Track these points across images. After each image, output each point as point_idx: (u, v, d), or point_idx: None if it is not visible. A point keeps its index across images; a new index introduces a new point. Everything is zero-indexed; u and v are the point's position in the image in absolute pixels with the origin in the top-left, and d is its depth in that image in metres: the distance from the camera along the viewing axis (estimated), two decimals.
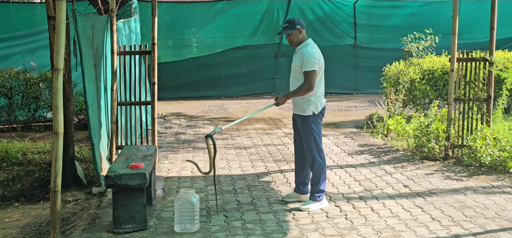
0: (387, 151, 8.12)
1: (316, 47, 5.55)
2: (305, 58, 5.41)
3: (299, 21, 5.53)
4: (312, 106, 5.49)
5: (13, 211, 6.28)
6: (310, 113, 5.49)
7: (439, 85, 10.04)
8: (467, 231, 4.85)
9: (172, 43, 14.07)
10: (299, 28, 5.50)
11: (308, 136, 5.51)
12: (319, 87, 5.56)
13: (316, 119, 5.52)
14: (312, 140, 5.50)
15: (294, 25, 5.49)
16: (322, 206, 5.56)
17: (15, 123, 9.98)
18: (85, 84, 6.36)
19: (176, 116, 11.70)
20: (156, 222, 5.26)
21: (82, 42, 6.34)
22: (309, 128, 5.49)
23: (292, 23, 5.50)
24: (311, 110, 5.49)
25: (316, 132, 5.50)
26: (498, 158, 6.91)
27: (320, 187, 5.55)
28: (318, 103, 5.54)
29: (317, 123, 5.53)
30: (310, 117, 5.50)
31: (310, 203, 5.54)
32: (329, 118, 11.17)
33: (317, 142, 5.51)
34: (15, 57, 11.54)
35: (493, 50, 7.47)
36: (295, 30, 5.50)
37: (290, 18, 5.58)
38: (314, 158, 5.51)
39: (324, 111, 5.65)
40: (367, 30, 14.57)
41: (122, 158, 5.49)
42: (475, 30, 13.65)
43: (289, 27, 5.51)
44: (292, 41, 5.55)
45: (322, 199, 5.58)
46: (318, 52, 5.50)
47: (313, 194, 5.56)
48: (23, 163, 7.52)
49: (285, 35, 5.55)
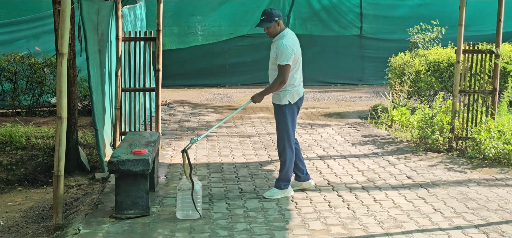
0: (390, 142, 8.11)
1: (292, 38, 5.43)
2: (280, 50, 5.32)
3: (276, 12, 5.40)
4: (289, 95, 5.44)
5: (16, 195, 6.31)
6: (286, 102, 5.44)
7: (444, 77, 10.00)
8: (469, 223, 4.84)
9: (177, 31, 14.05)
10: (277, 20, 5.38)
11: (281, 125, 5.47)
12: (296, 77, 5.48)
13: (291, 109, 5.47)
14: (285, 129, 5.46)
15: (272, 18, 5.36)
16: (287, 194, 5.54)
17: (19, 108, 10.00)
18: (89, 69, 6.36)
19: (180, 104, 11.70)
20: (158, 208, 5.27)
21: (87, 27, 6.33)
22: (283, 117, 5.46)
23: (270, 16, 5.36)
24: (287, 99, 5.44)
25: (289, 121, 5.46)
26: (502, 151, 6.89)
27: (287, 176, 5.52)
28: (295, 93, 5.48)
29: (292, 112, 5.48)
30: (285, 107, 5.45)
31: (275, 191, 5.53)
32: (333, 108, 11.15)
33: (289, 132, 5.46)
34: (20, 42, 11.53)
35: (499, 42, 7.42)
36: (274, 23, 5.38)
37: (266, 10, 5.41)
38: (284, 148, 5.47)
39: (301, 102, 5.57)
40: (373, 20, 14.50)
41: (125, 144, 5.50)
42: (482, 22, 13.56)
43: (267, 19, 5.37)
44: (271, 34, 5.43)
45: (287, 187, 5.56)
46: (294, 44, 5.39)
47: (279, 182, 5.54)
48: (27, 148, 7.54)
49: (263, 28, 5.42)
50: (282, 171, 5.54)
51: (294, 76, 5.45)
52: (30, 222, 5.32)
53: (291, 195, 5.58)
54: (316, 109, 11.01)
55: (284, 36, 5.39)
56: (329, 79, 14.58)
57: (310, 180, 5.81)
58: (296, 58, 5.43)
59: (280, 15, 5.42)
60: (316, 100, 12.24)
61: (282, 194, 5.54)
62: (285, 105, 5.45)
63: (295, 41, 5.46)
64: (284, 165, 5.51)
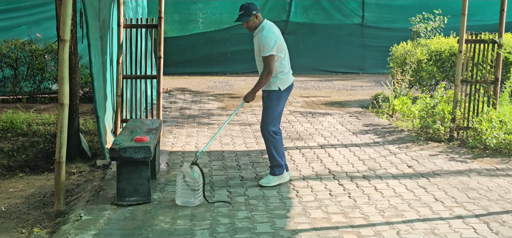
0: (392, 131, 8.11)
1: (272, 28, 5.43)
2: (261, 43, 5.34)
3: (254, 6, 5.41)
4: (279, 82, 5.46)
5: (18, 181, 6.32)
6: (276, 88, 5.46)
7: (446, 66, 9.98)
8: (470, 213, 4.85)
9: (179, 18, 14.01)
10: (255, 13, 5.39)
11: (267, 110, 5.48)
12: (285, 63, 5.49)
13: (280, 95, 5.47)
14: (270, 114, 5.46)
15: (250, 12, 5.37)
16: (282, 181, 5.56)
17: (20, 94, 10.00)
18: (91, 56, 6.34)
19: (181, 91, 11.70)
20: (159, 195, 5.28)
21: (89, 14, 6.31)
22: (270, 102, 5.47)
23: (248, 10, 5.38)
24: (278, 85, 5.46)
25: (276, 108, 5.47)
26: (503, 141, 6.88)
27: (278, 162, 5.53)
28: (285, 80, 5.49)
29: (280, 99, 5.49)
30: (274, 92, 5.46)
31: (270, 178, 5.55)
32: (334, 97, 11.14)
33: (273, 118, 5.47)
34: (21, 28, 11.51)
35: (502, 32, 7.40)
36: (252, 16, 5.39)
37: (244, 4, 5.42)
38: (268, 133, 5.47)
39: (290, 89, 5.59)
40: (375, 9, 14.45)
41: (127, 131, 5.50)
42: (485, 11, 13.52)
43: (245, 14, 5.38)
44: (250, 27, 5.44)
45: (282, 173, 5.57)
46: (274, 33, 5.40)
47: (273, 169, 5.55)
48: (28, 134, 7.55)
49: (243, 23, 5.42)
50: (272, 157, 5.55)
51: (282, 63, 5.47)
52: (32, 208, 5.33)
53: (288, 180, 5.60)
54: (317, 98, 11.00)
55: (264, 28, 5.41)
56: (331, 67, 14.56)
57: (288, 172, 5.78)
58: (280, 46, 5.43)
59: (257, 8, 5.44)
60: (317, 88, 12.23)
61: (278, 181, 5.55)
62: (274, 91, 5.47)
63: (277, 30, 5.48)
64: (271, 152, 5.52)
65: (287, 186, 5.57)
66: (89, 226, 4.53)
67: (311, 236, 4.36)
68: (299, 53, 14.45)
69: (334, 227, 4.53)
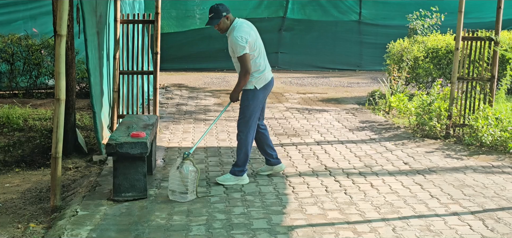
0: (388, 128, 8.12)
1: (243, 26, 5.34)
2: (233, 44, 5.29)
3: (223, 7, 5.34)
4: (254, 80, 5.39)
5: (14, 176, 6.31)
6: (251, 87, 5.40)
7: (442, 63, 10.00)
8: (466, 210, 4.87)
9: (176, 14, 13.97)
10: (225, 14, 5.32)
11: (243, 109, 5.43)
12: (260, 61, 5.42)
13: (256, 94, 5.40)
14: (245, 114, 5.41)
15: (220, 14, 5.30)
16: (239, 182, 5.46)
17: (17, 90, 9.97)
18: (87, 51, 6.33)
19: (178, 87, 11.69)
20: (156, 191, 5.28)
21: (86, 9, 6.30)
22: (246, 102, 5.40)
23: (217, 12, 5.31)
24: (253, 84, 5.39)
25: (252, 107, 5.40)
26: (499, 138, 6.91)
27: (242, 163, 5.47)
28: (262, 79, 5.42)
29: (257, 98, 5.41)
30: (250, 91, 5.40)
31: (228, 177, 5.49)
32: (331, 93, 11.15)
33: (248, 118, 5.41)
34: (17, 23, 11.46)
35: (499, 29, 7.42)
36: (222, 18, 5.33)
37: (213, 7, 5.34)
38: (241, 132, 5.43)
39: (268, 88, 5.51)
40: (372, 6, 14.45)
41: (123, 126, 5.49)
42: (481, 9, 13.54)
43: (215, 16, 5.32)
44: (221, 29, 5.39)
45: (242, 175, 5.50)
46: (245, 31, 5.30)
47: (234, 168, 5.49)
48: (24, 129, 7.54)
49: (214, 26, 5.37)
50: (238, 157, 5.48)
51: (256, 62, 5.38)
52: (28, 204, 5.33)
53: (244, 184, 5.48)
54: (314, 95, 11.01)
55: (235, 28, 5.33)
56: (327, 64, 14.56)
57: (281, 164, 5.79)
58: (252, 44, 5.34)
59: (227, 9, 5.36)
60: (314, 85, 12.24)
61: (235, 181, 5.47)
62: (250, 90, 5.41)
63: (248, 28, 5.36)
64: (240, 151, 5.46)
65: (283, 182, 5.57)
66: (85, 222, 4.53)
67: (307, 232, 4.36)
68: (296, 49, 14.46)
69: (330, 223, 4.54)
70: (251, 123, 5.45)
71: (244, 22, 5.44)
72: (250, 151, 5.54)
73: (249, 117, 5.43)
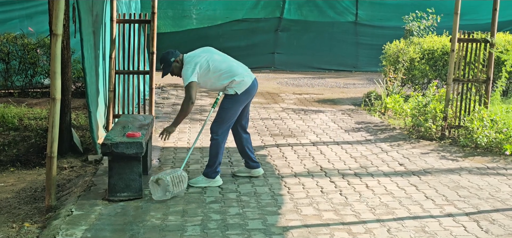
0: (383, 129, 8.13)
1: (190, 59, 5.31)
2: (182, 77, 5.29)
3: (171, 53, 5.35)
4: (234, 85, 5.34)
5: (9, 176, 6.29)
6: (232, 92, 5.36)
7: (438, 65, 10.02)
8: (461, 211, 4.88)
9: (172, 14, 13.97)
10: (173, 60, 5.34)
11: (221, 112, 5.38)
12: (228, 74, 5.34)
13: (237, 99, 5.35)
14: (223, 116, 5.36)
15: (169, 62, 5.33)
16: (213, 184, 5.42)
17: (12, 89, 9.95)
18: (83, 51, 6.32)
19: (174, 87, 11.68)
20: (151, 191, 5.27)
21: (82, 8, 6.28)
22: (226, 104, 5.36)
23: (166, 61, 5.33)
24: (234, 89, 5.35)
25: (231, 111, 5.36)
26: (494, 140, 6.93)
27: (214, 165, 5.42)
28: (241, 84, 5.36)
29: (237, 103, 5.36)
30: (232, 96, 5.36)
31: (200, 179, 5.46)
32: (327, 94, 11.16)
33: (225, 122, 5.37)
34: (13, 22, 11.44)
35: (494, 31, 7.44)
36: (173, 64, 5.35)
37: (161, 57, 5.37)
38: (216, 134, 5.37)
39: (252, 91, 5.45)
40: (368, 7, 14.47)
41: (119, 126, 5.49)
42: (477, 11, 13.56)
43: (166, 65, 5.35)
44: (177, 74, 5.40)
45: (215, 177, 5.45)
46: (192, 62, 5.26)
47: (207, 169, 5.45)
48: (19, 129, 7.51)
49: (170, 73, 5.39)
50: (210, 159, 5.44)
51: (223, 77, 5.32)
52: (23, 203, 5.31)
53: (218, 186, 5.45)
54: (310, 95, 11.02)
55: (185, 65, 5.33)
56: (323, 65, 14.58)
57: (259, 169, 5.76)
58: (206, 68, 5.29)
59: (175, 53, 5.37)
60: (310, 86, 12.25)
61: (207, 183, 5.43)
62: (231, 95, 5.37)
63: (195, 58, 5.33)
64: (212, 153, 5.41)
65: (278, 183, 5.58)
66: (80, 221, 4.52)
67: (302, 233, 4.37)
68: (292, 50, 14.47)
69: (325, 224, 4.54)
70: (226, 127, 5.41)
71: (192, 53, 5.42)
72: (222, 154, 5.47)
73: (226, 121, 5.38)
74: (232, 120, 5.43)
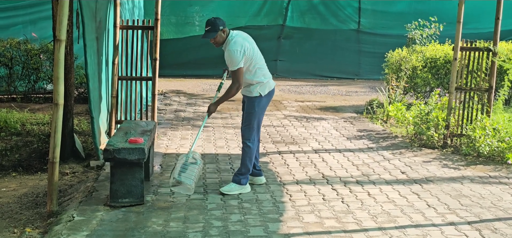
0: (386, 137, 8.13)
1: (238, 40, 5.31)
2: (228, 57, 5.29)
3: (220, 21, 5.33)
4: (259, 87, 5.42)
5: (10, 181, 6.30)
6: (256, 94, 5.43)
7: (441, 73, 10.02)
8: (463, 220, 4.87)
9: (175, 20, 14.01)
10: (222, 28, 5.32)
11: (249, 116, 5.43)
12: (263, 72, 5.43)
13: (261, 102, 5.44)
14: (251, 121, 5.41)
15: (217, 27, 5.29)
16: (244, 190, 5.45)
17: (15, 94, 9.96)
18: (86, 57, 6.33)
19: (176, 94, 11.69)
20: (153, 197, 5.28)
21: (85, 14, 6.31)
22: (252, 109, 5.42)
23: (214, 25, 5.30)
24: (258, 91, 5.42)
25: (257, 114, 5.43)
26: (497, 149, 6.91)
27: (246, 171, 5.46)
28: (266, 85, 5.45)
29: (262, 105, 5.45)
30: (256, 98, 5.43)
31: (232, 186, 5.47)
32: (329, 102, 11.17)
33: (253, 125, 5.42)
34: (16, 27, 11.48)
35: (497, 40, 7.44)
36: (219, 32, 5.32)
37: (210, 20, 5.35)
38: (248, 140, 5.42)
39: (271, 95, 5.54)
40: (371, 15, 14.50)
41: (121, 132, 5.49)
42: (480, 20, 13.58)
43: (212, 30, 5.31)
44: (218, 43, 5.37)
45: (245, 184, 5.48)
46: (241, 45, 5.27)
47: (238, 176, 5.47)
48: (22, 134, 7.53)
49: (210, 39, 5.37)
50: (243, 164, 5.47)
51: (257, 72, 5.39)
52: (24, 208, 5.32)
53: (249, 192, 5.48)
54: (312, 103, 11.02)
55: (230, 41, 5.32)
56: (326, 73, 14.59)
57: (262, 177, 5.77)
58: (250, 57, 5.34)
59: (224, 23, 5.37)
60: (312, 93, 12.25)
61: (239, 190, 5.44)
62: (256, 97, 5.43)
63: (243, 41, 5.33)
64: (245, 160, 5.45)
65: (280, 190, 5.57)
66: (81, 227, 4.52)
67: None
68: (295, 57, 14.49)
69: (327, 232, 4.53)
70: (256, 130, 5.48)
71: (239, 34, 5.42)
72: (254, 158, 5.53)
73: (254, 124, 5.45)
74: (260, 123, 5.49)
